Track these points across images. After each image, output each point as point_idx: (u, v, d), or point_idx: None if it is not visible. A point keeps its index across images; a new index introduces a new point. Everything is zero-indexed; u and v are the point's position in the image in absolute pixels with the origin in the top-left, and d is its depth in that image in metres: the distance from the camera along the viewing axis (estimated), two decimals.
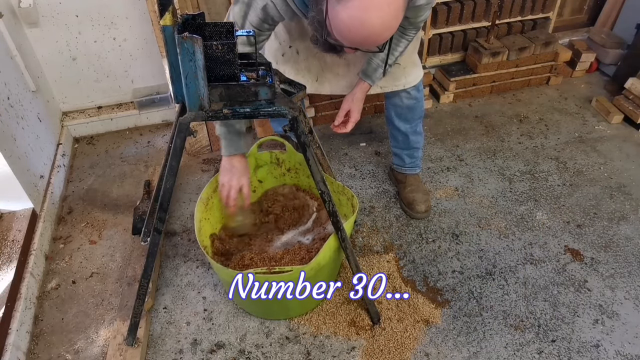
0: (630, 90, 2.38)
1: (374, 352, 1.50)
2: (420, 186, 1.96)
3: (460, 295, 1.65)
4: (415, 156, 1.93)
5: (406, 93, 1.71)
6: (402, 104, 1.74)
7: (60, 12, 2.07)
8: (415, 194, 1.92)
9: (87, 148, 2.37)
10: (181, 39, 0.96)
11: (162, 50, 2.02)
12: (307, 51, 1.60)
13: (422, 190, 1.94)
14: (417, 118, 1.81)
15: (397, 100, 1.75)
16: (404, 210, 1.95)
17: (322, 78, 1.67)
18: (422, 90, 1.75)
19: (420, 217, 1.92)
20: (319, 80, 1.67)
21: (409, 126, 1.81)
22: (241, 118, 1.12)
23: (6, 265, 1.60)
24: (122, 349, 1.46)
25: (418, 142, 1.88)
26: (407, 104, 1.74)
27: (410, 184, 1.95)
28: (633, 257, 1.76)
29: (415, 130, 1.84)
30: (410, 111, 1.77)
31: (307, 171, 1.69)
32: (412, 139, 1.86)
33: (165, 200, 1.22)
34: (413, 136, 1.85)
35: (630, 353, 1.48)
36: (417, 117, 1.81)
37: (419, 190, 1.93)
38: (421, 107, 1.79)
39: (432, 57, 2.61)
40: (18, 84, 1.91)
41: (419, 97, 1.75)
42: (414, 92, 1.72)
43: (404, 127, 1.81)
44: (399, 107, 1.76)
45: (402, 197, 1.97)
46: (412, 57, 1.65)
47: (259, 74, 1.13)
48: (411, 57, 1.65)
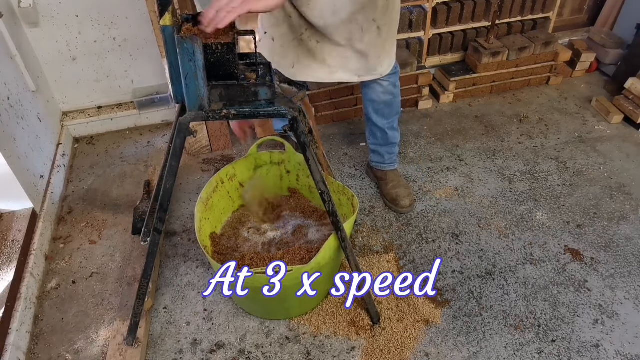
0: (630, 90, 2.38)
1: (374, 352, 1.50)
2: (401, 181, 2.01)
3: (460, 295, 1.65)
4: (393, 152, 1.97)
5: (382, 88, 1.74)
6: (378, 99, 1.78)
7: (60, 12, 2.07)
8: (398, 189, 1.97)
9: (87, 148, 2.37)
10: (181, 39, 0.96)
11: (162, 50, 2.02)
12: (282, 38, 1.60)
13: (404, 185, 1.99)
14: (395, 114, 1.86)
15: (374, 96, 1.78)
16: (389, 207, 2.00)
17: (298, 65, 1.66)
18: (398, 86, 1.79)
19: (405, 211, 1.97)
20: (295, 67, 1.66)
21: (386, 122, 1.85)
22: (241, 118, 1.12)
23: (6, 265, 1.60)
24: (122, 349, 1.46)
25: (395, 137, 1.93)
26: (384, 100, 1.78)
27: (392, 180, 2.00)
28: (633, 257, 1.76)
29: (393, 126, 1.89)
30: (387, 107, 1.81)
31: (307, 171, 1.69)
32: (390, 135, 1.90)
33: (165, 200, 1.22)
34: (390, 132, 1.89)
35: (630, 353, 1.48)
36: (394, 114, 1.86)
37: (401, 186, 1.99)
38: (397, 103, 1.83)
39: (432, 57, 2.61)
40: (18, 84, 1.92)
41: (395, 93, 1.79)
42: (390, 88, 1.76)
43: (382, 123, 1.85)
44: (376, 102, 1.80)
45: (385, 193, 2.01)
46: (385, 46, 1.64)
47: (259, 74, 1.13)
48: (385, 47, 1.64)
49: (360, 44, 1.56)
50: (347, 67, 1.62)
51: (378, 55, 1.63)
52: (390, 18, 1.58)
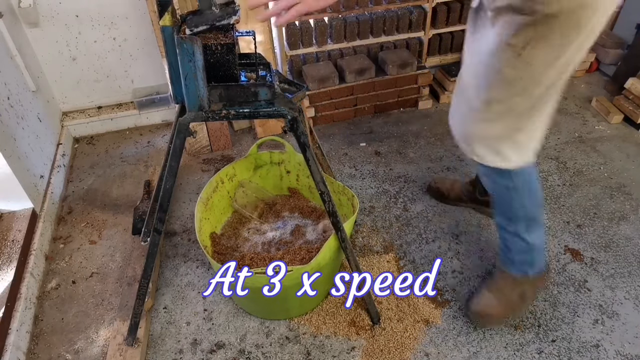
0: (630, 90, 2.38)
1: (374, 352, 1.50)
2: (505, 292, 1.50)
3: (460, 295, 1.65)
4: (507, 255, 1.48)
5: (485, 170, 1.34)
6: (486, 183, 1.41)
7: (60, 12, 2.07)
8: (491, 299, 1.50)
9: (87, 148, 2.37)
10: (180, 40, 0.96)
11: (162, 50, 2.02)
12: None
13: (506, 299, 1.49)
14: (508, 219, 1.39)
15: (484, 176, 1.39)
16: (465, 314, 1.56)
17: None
18: (520, 187, 1.31)
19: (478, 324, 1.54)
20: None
21: (498, 218, 1.44)
22: (241, 119, 1.12)
23: (6, 265, 1.60)
24: (122, 349, 1.46)
25: (511, 243, 1.43)
26: (490, 186, 1.38)
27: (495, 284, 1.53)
28: (633, 257, 1.76)
29: (507, 229, 1.41)
30: (498, 201, 1.38)
31: (307, 171, 1.69)
32: (501, 234, 1.46)
33: (165, 200, 1.22)
34: (503, 232, 1.44)
35: (630, 353, 1.48)
36: (511, 218, 1.38)
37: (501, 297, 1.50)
38: (517, 206, 1.35)
39: (432, 57, 2.61)
40: (18, 84, 1.92)
41: (508, 186, 1.32)
42: (498, 179, 1.33)
43: (495, 216, 1.45)
44: (488, 186, 1.41)
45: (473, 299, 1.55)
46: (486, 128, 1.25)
47: (259, 74, 1.13)
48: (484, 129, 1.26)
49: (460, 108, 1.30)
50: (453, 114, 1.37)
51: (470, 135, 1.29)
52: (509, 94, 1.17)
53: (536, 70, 1.12)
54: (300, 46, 2.33)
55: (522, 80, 1.13)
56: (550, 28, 1.05)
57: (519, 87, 1.15)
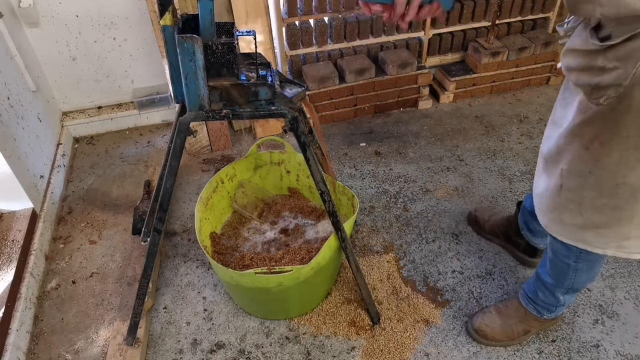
0: None
1: (374, 352, 1.50)
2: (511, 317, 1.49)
3: (460, 295, 1.65)
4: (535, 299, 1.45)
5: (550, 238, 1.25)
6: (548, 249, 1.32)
7: (60, 12, 2.07)
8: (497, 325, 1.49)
9: (87, 148, 2.37)
10: (181, 39, 0.96)
11: (162, 50, 2.02)
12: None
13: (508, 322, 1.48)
14: (554, 278, 1.32)
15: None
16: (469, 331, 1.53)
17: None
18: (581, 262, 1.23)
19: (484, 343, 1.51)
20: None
21: (541, 270, 1.40)
22: (241, 118, 1.12)
23: (6, 265, 1.60)
24: (122, 349, 1.46)
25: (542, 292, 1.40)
26: (550, 255, 1.30)
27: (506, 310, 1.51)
28: None
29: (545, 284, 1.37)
30: (551, 263, 1.31)
31: (307, 171, 1.69)
32: (537, 281, 1.42)
33: (165, 200, 1.22)
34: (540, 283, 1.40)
35: (630, 353, 1.48)
36: (555, 277, 1.32)
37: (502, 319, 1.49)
38: (565, 272, 1.27)
39: (432, 57, 2.61)
40: (18, 84, 1.91)
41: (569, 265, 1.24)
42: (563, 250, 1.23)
43: (540, 267, 1.40)
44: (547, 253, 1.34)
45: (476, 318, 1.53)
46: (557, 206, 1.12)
47: (259, 74, 1.13)
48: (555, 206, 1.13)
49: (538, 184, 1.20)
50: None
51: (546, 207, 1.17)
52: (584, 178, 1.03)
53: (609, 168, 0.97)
54: (300, 46, 2.33)
55: (592, 175, 1.00)
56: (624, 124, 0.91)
57: (591, 181, 1.01)
